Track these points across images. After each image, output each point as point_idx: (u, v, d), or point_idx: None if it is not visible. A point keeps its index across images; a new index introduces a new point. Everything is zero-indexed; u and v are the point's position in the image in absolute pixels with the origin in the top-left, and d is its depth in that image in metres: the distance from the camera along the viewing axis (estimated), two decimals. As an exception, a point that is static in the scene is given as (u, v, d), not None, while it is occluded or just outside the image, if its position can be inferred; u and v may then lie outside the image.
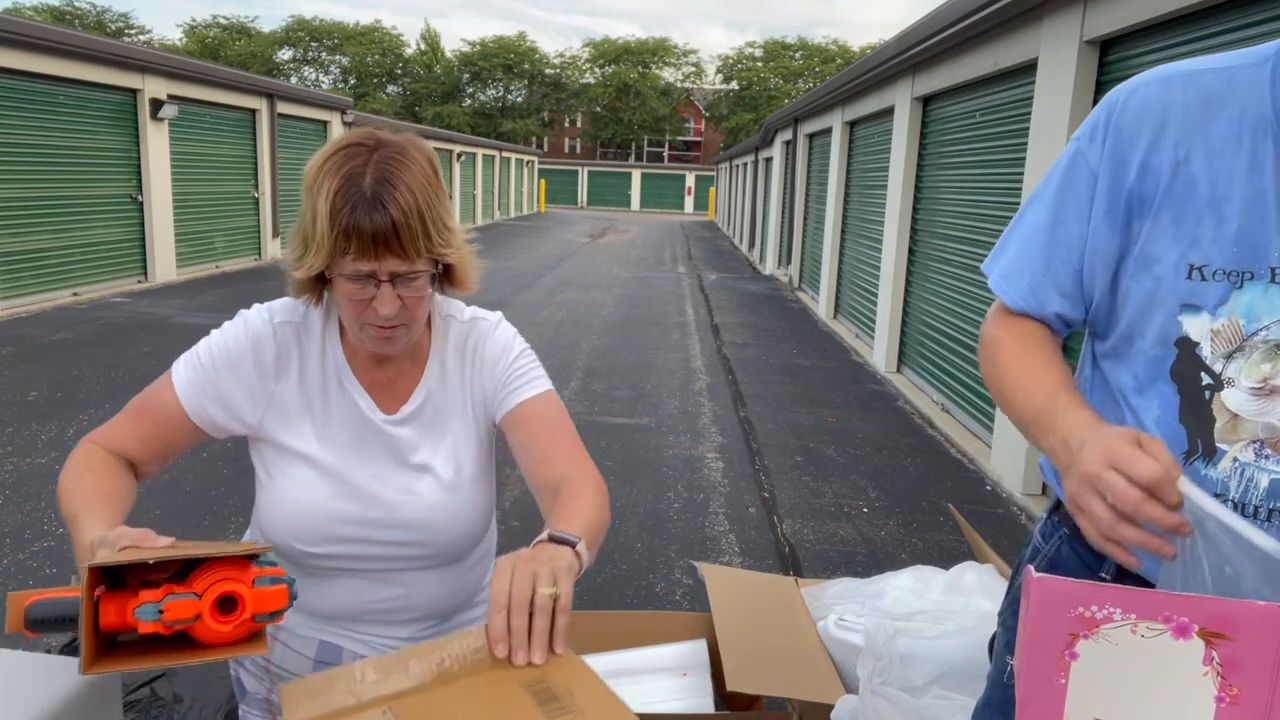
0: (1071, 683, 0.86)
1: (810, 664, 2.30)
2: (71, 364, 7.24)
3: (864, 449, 5.89)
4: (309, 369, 1.38)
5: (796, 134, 15.23)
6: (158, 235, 12.11)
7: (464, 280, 1.37)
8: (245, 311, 1.40)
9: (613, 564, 3.99)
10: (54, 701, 1.23)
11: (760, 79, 57.89)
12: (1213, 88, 0.99)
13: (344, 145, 1.25)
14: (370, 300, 1.25)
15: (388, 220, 1.20)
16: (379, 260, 1.21)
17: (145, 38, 52.21)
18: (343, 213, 1.19)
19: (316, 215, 1.22)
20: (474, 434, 1.43)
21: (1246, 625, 0.83)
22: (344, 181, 1.20)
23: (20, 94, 9.78)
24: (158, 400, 1.41)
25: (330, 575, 1.38)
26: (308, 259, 1.24)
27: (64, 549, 3.85)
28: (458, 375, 1.43)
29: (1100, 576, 1.16)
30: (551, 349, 8.84)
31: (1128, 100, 1.03)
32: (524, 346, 1.49)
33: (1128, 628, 0.84)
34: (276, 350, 1.36)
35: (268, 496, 1.37)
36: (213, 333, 1.40)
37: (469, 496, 1.41)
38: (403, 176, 1.22)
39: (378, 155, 1.23)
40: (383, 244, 1.20)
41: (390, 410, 1.39)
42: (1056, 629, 0.85)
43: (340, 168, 1.21)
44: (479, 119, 58.50)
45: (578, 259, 19.09)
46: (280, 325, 1.37)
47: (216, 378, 1.36)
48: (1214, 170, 0.97)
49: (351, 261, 1.22)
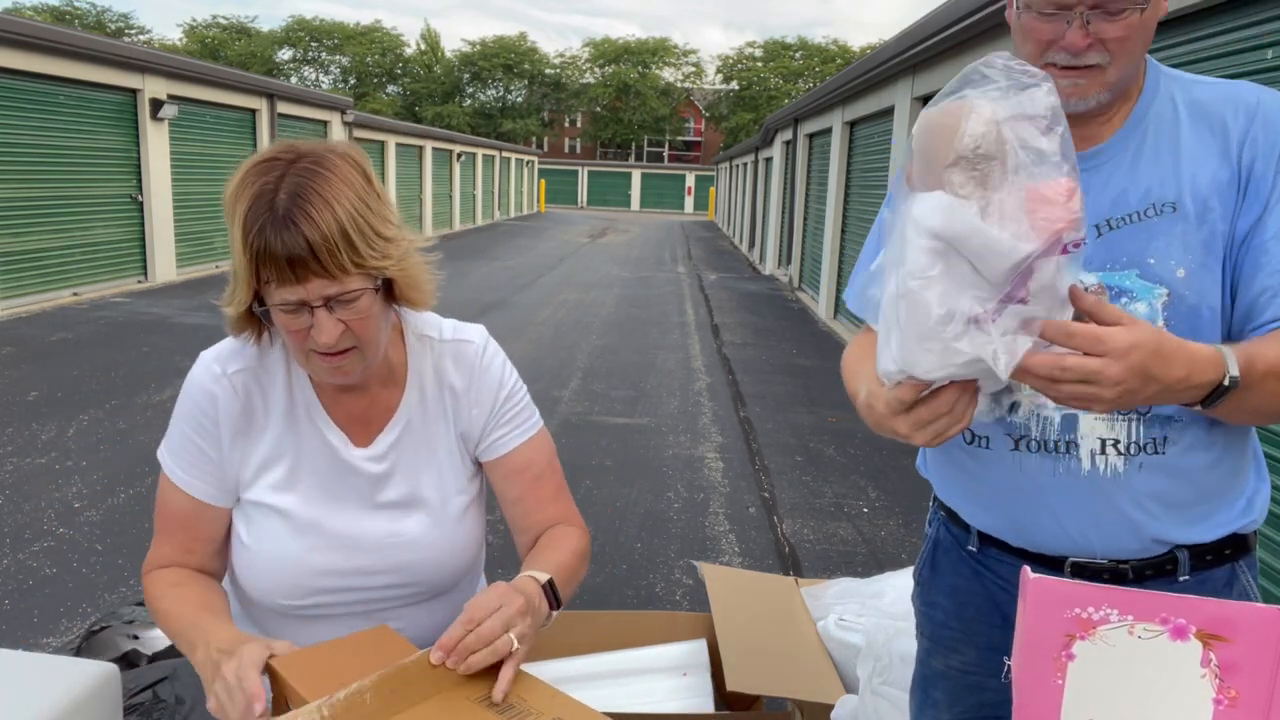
0: (1068, 684, 0.86)
1: (810, 664, 2.30)
2: (71, 364, 7.24)
3: (864, 449, 5.89)
4: (274, 414, 1.27)
5: (796, 134, 15.23)
6: (158, 235, 12.11)
7: (414, 294, 1.23)
8: (196, 371, 1.28)
9: (613, 564, 3.99)
10: (54, 702, 1.23)
11: (760, 79, 57.87)
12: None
13: (258, 161, 1.14)
14: (309, 329, 1.14)
15: (300, 240, 1.08)
16: (303, 284, 1.10)
17: (145, 38, 52.20)
18: (254, 237, 1.09)
19: (235, 244, 1.12)
20: (460, 463, 1.34)
21: (1245, 627, 0.83)
22: (254, 201, 1.10)
23: (20, 94, 9.78)
24: (171, 506, 1.30)
25: (318, 620, 1.31)
26: (235, 293, 1.15)
27: (64, 549, 3.86)
28: (440, 403, 1.32)
29: (967, 550, 1.36)
30: (551, 349, 8.84)
31: None
32: (514, 379, 1.37)
33: (1125, 629, 0.84)
34: (240, 405, 1.25)
35: (243, 555, 1.29)
36: (177, 406, 1.29)
37: (458, 530, 1.33)
38: (318, 188, 1.10)
39: (293, 168, 1.12)
40: (301, 266, 1.09)
41: (364, 443, 1.29)
42: (1053, 630, 0.85)
43: (252, 186, 1.11)
44: (479, 119, 58.48)
45: (578, 259, 19.09)
46: (235, 375, 1.26)
47: (201, 453, 1.27)
48: None
49: (276, 290, 1.11)
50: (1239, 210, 1.12)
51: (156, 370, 7.15)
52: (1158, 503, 1.18)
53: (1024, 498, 1.24)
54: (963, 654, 1.41)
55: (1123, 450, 1.17)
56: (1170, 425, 1.16)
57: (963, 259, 0.84)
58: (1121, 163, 1.18)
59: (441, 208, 25.85)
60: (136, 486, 4.63)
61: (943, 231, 0.84)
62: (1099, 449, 1.18)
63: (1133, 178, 1.16)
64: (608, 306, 12.03)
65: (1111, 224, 1.16)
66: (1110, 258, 1.15)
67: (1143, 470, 1.17)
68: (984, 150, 0.85)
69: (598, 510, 4.58)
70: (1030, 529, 1.26)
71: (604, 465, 5.30)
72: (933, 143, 0.88)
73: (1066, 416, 1.18)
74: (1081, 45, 1.10)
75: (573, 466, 5.25)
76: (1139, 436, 1.16)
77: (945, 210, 0.84)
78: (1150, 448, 1.16)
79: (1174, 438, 1.16)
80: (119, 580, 3.61)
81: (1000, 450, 1.24)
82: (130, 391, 6.47)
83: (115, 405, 6.08)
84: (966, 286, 0.84)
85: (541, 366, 7.98)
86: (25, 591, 3.49)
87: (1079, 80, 1.13)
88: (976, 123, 0.85)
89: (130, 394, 6.40)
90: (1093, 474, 1.18)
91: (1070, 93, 1.13)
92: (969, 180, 0.85)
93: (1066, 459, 1.19)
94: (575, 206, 50.65)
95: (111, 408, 6.01)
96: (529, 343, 9.07)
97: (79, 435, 5.40)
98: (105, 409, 5.97)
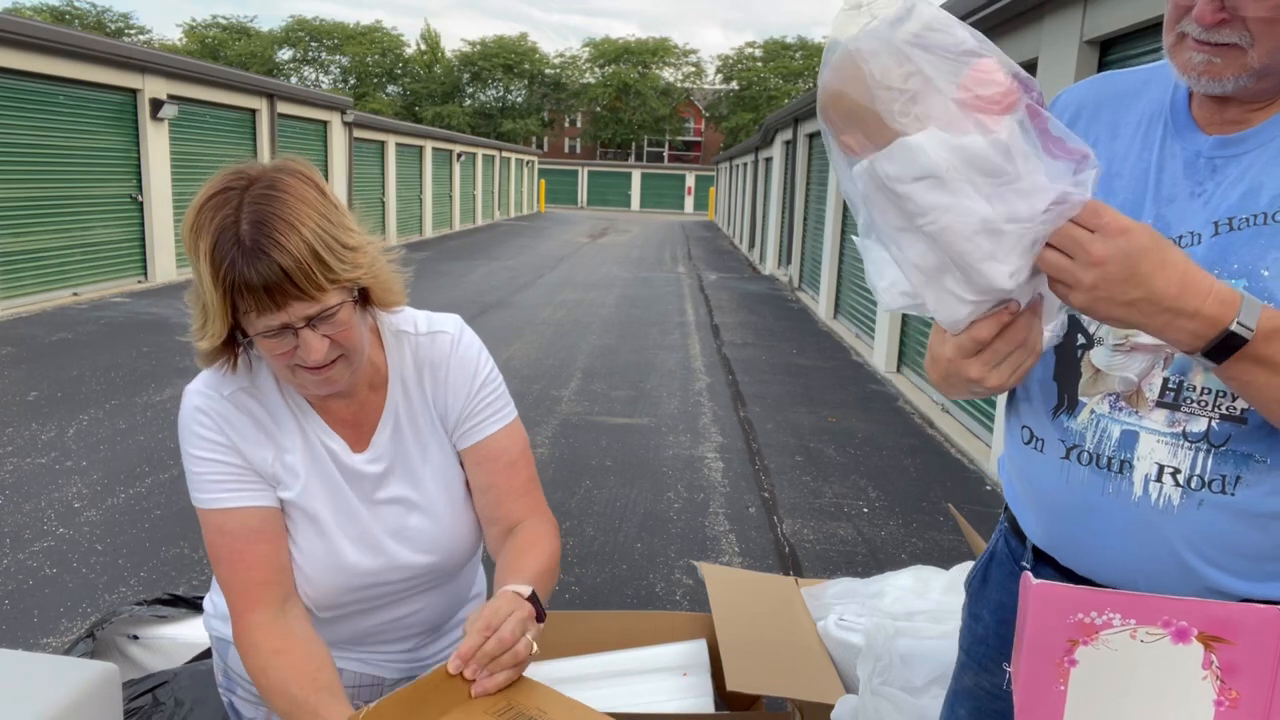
0: (1071, 689, 0.86)
1: (810, 664, 2.30)
2: (71, 364, 7.24)
3: (864, 449, 5.89)
4: (279, 426, 1.27)
5: (796, 134, 15.23)
6: (158, 235, 12.11)
7: (388, 297, 1.25)
8: (192, 402, 1.25)
9: (613, 564, 3.98)
10: (54, 702, 1.23)
11: (760, 79, 57.87)
12: (1129, 85, 1.15)
13: (212, 194, 1.14)
14: (294, 350, 1.15)
15: (275, 267, 1.08)
16: (283, 309, 1.11)
17: (145, 38, 52.19)
18: (225, 271, 1.09)
19: (202, 280, 1.12)
20: (452, 453, 1.36)
21: (1246, 629, 0.83)
22: (217, 236, 1.10)
23: (20, 94, 9.77)
24: (238, 537, 1.24)
25: (340, 620, 1.34)
26: (209, 327, 1.14)
27: (64, 549, 3.86)
28: (421, 394, 1.34)
29: (1020, 565, 1.23)
30: (551, 348, 8.84)
31: (1058, 98, 1.20)
32: (490, 368, 1.38)
33: (1127, 633, 0.84)
34: (247, 419, 1.25)
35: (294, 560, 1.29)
36: (182, 446, 1.27)
37: (463, 513, 1.36)
38: (279, 212, 1.10)
39: (248, 196, 1.12)
40: (279, 292, 1.09)
41: (361, 447, 1.30)
42: (1055, 635, 0.85)
43: (212, 222, 1.11)
44: (479, 119, 58.48)
45: (578, 259, 19.08)
46: (232, 397, 1.25)
47: (233, 467, 1.24)
48: (1114, 151, 1.11)
49: (257, 319, 1.11)
50: None
51: (156, 370, 7.14)
52: (1215, 548, 1.01)
53: (1071, 514, 1.11)
54: (994, 675, 1.31)
55: (1182, 482, 1.02)
56: (1248, 465, 0.99)
57: (956, 179, 0.84)
58: (1265, 154, 1.01)
59: (441, 208, 25.84)
60: (136, 486, 4.63)
61: (934, 164, 0.83)
62: (1155, 474, 1.03)
63: (1272, 172, 1.00)
64: (608, 306, 12.03)
65: (1233, 223, 1.00)
66: (1220, 262, 0.99)
67: (1202, 508, 1.01)
68: (900, 75, 0.83)
69: (598, 510, 4.57)
70: (1075, 549, 1.14)
71: (604, 465, 5.30)
72: (851, 103, 0.85)
73: (1126, 432, 1.05)
74: (1211, 20, 0.96)
75: (573, 466, 5.25)
76: (1204, 470, 1.01)
77: (924, 146, 0.83)
78: (1217, 485, 1.00)
79: (1249, 479, 0.99)
80: (119, 580, 3.61)
81: (1052, 456, 1.12)
82: (130, 391, 6.47)
83: (115, 405, 6.08)
84: (977, 197, 0.84)
85: (541, 366, 7.97)
86: (25, 591, 3.49)
87: (1213, 59, 0.98)
88: (876, 59, 0.83)
89: (130, 394, 6.39)
90: (1144, 501, 1.04)
91: (1203, 70, 0.99)
92: (909, 110, 0.83)
93: (1118, 479, 1.05)
94: (575, 206, 50.64)
95: (111, 408, 6.01)
96: (529, 343, 9.07)
97: (79, 435, 5.40)
98: (105, 409, 5.97)
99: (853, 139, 0.86)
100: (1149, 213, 1.06)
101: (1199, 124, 1.06)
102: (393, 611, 1.36)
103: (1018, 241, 0.84)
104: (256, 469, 1.25)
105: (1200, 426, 1.01)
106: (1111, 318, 0.90)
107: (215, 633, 1.44)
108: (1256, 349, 0.88)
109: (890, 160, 0.83)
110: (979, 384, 0.95)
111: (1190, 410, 1.01)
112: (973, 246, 0.84)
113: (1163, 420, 1.03)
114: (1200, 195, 1.03)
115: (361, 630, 1.36)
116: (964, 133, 0.82)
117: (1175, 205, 1.05)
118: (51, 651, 3.01)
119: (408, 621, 1.39)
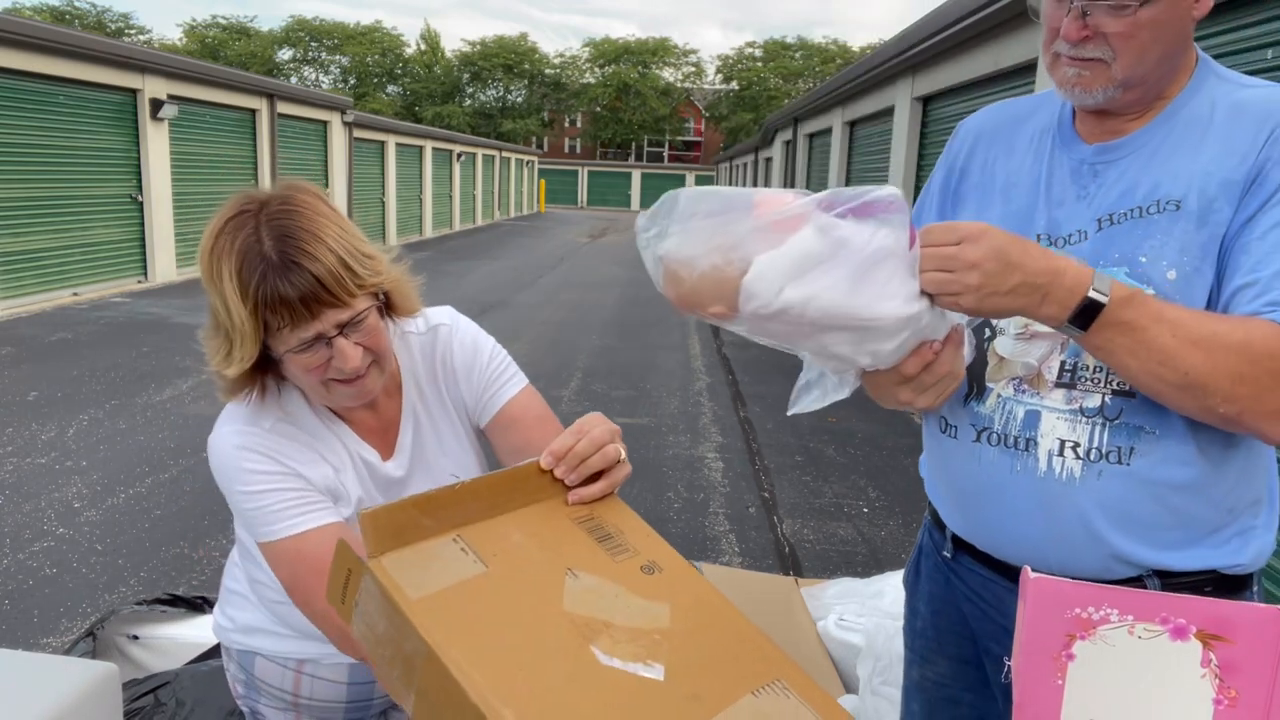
0: (1069, 685, 0.86)
1: (810, 664, 2.30)
2: (71, 364, 7.24)
3: (864, 449, 5.89)
4: (320, 447, 1.27)
5: (796, 134, 15.23)
6: (158, 235, 12.11)
7: (406, 303, 1.28)
8: (228, 446, 1.21)
9: (613, 564, 3.98)
10: (54, 702, 1.23)
11: (760, 79, 57.87)
12: (1021, 110, 1.29)
13: (227, 219, 1.14)
14: (329, 361, 1.15)
15: (308, 277, 1.10)
16: (317, 319, 1.12)
17: (145, 38, 52.20)
18: (256, 288, 1.09)
19: (228, 303, 1.12)
20: (469, 444, 1.39)
21: (1245, 627, 0.83)
22: (243, 257, 1.11)
23: (20, 94, 9.78)
24: (312, 556, 1.17)
25: None
26: (236, 352, 1.14)
27: (63, 549, 3.86)
28: (435, 391, 1.36)
29: (942, 555, 1.35)
30: (552, 349, 8.84)
31: (959, 128, 1.36)
32: (491, 343, 1.40)
33: (1125, 629, 0.84)
34: (293, 445, 1.24)
35: None
36: (229, 494, 1.22)
37: None
38: (301, 225, 1.13)
39: (264, 216, 1.13)
40: (314, 301, 1.11)
41: (389, 454, 1.32)
42: (1053, 631, 0.85)
43: (233, 245, 1.12)
44: (479, 119, 58.48)
45: (578, 259, 19.09)
46: (273, 429, 1.23)
47: (295, 491, 1.20)
48: (1010, 166, 1.25)
49: (290, 333, 1.12)
50: (1239, 210, 1.05)
51: (156, 370, 7.14)
52: (1115, 516, 1.11)
53: (984, 495, 1.20)
54: (936, 665, 1.38)
55: (1082, 454, 1.11)
56: (1140, 436, 1.10)
57: (806, 270, 0.93)
58: (1139, 158, 1.13)
59: (441, 208, 25.85)
60: (136, 486, 4.63)
61: (781, 275, 0.93)
62: (1057, 450, 1.12)
63: (1145, 173, 1.11)
64: (608, 307, 12.03)
65: (1113, 218, 1.12)
66: (1103, 253, 1.11)
67: (1101, 479, 1.10)
68: (704, 246, 0.93)
69: (598, 510, 4.56)
70: (989, 529, 1.22)
71: (604, 465, 5.30)
72: (693, 291, 0.96)
73: (1030, 412, 1.14)
74: (1076, 36, 1.08)
75: (573, 466, 5.24)
76: (1101, 443, 1.10)
77: (764, 271, 0.93)
78: (1114, 456, 1.10)
79: (1142, 449, 1.09)
80: (119, 580, 3.61)
81: (964, 440, 1.21)
82: (130, 391, 6.47)
83: (115, 405, 6.08)
84: (831, 270, 0.94)
85: (542, 366, 7.98)
86: (25, 591, 3.49)
87: (1083, 72, 1.10)
88: (678, 251, 0.95)
89: (130, 394, 6.40)
90: (1048, 475, 1.13)
91: (1074, 83, 1.11)
92: (731, 260, 0.93)
93: (1025, 457, 1.15)
94: (575, 206, 50.65)
95: (111, 408, 6.01)
96: (529, 343, 9.08)
97: (79, 435, 5.40)
98: (105, 409, 5.97)
99: (717, 309, 0.95)
100: (1042, 215, 1.18)
101: (1082, 136, 1.19)
102: None
103: (891, 276, 0.94)
104: (320, 487, 1.24)
105: (1095, 402, 1.11)
106: (999, 309, 0.99)
107: (238, 645, 1.42)
108: (1115, 313, 0.98)
109: (749, 299, 0.93)
110: (909, 406, 1.07)
111: (1085, 388, 1.11)
112: (860, 302, 0.93)
113: (1061, 399, 1.13)
114: (1085, 197, 1.16)
115: None
116: (781, 243, 0.91)
117: (1065, 207, 1.17)
118: (51, 651, 3.01)
119: None
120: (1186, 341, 0.98)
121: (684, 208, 0.94)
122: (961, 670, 1.35)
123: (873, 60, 9.10)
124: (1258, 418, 1.00)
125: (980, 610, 1.29)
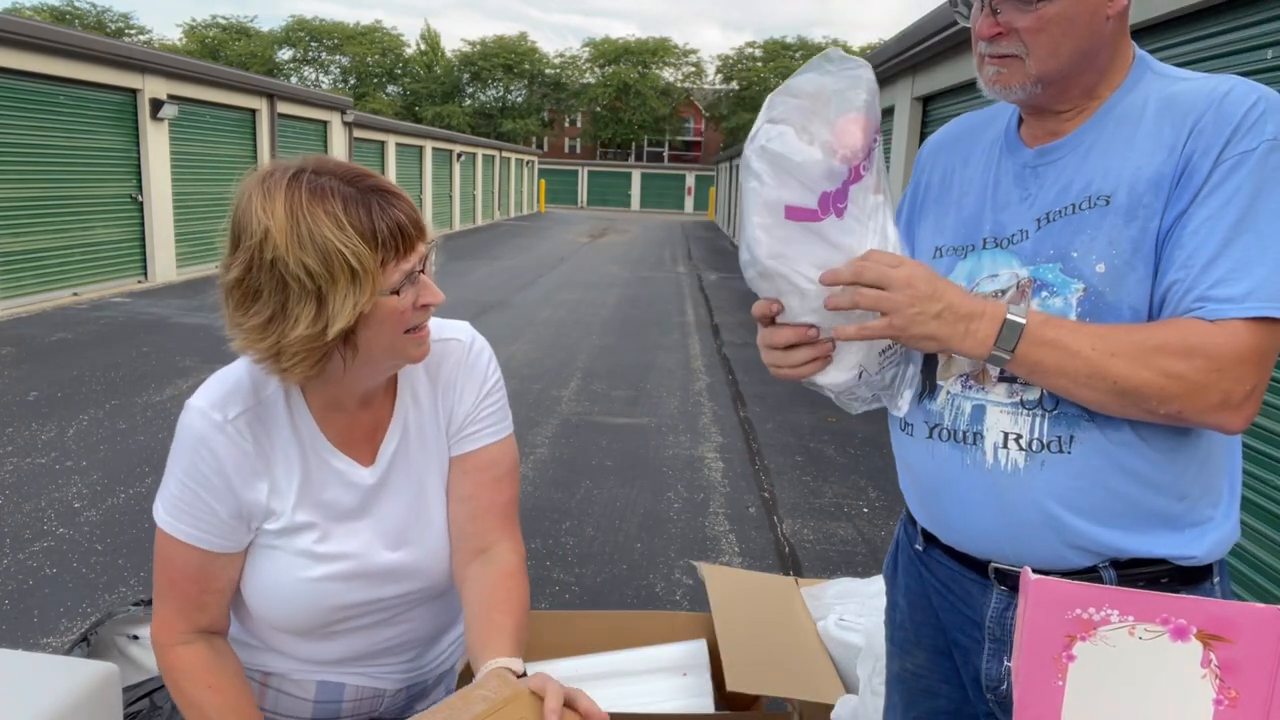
0: (1069, 685, 0.86)
1: (810, 664, 2.30)
2: (71, 364, 7.24)
3: (864, 449, 5.89)
4: (283, 451, 1.24)
5: (796, 134, 15.21)
6: (158, 235, 12.11)
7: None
8: (192, 420, 1.20)
9: (613, 564, 3.99)
10: (54, 702, 1.23)
11: (760, 79, 57.86)
12: (978, 122, 1.34)
13: (283, 184, 1.10)
14: (413, 302, 1.15)
15: (405, 203, 1.13)
16: (415, 250, 1.14)
17: (145, 38, 52.19)
18: (375, 221, 1.09)
19: (340, 248, 1.07)
20: (446, 465, 1.34)
21: (1245, 628, 0.83)
22: (343, 199, 1.08)
23: (20, 94, 9.77)
24: (176, 562, 1.23)
25: (333, 635, 1.30)
26: (350, 300, 1.08)
27: (63, 549, 3.86)
28: (431, 401, 1.32)
29: (915, 548, 1.36)
30: (552, 349, 8.84)
31: (924, 144, 1.42)
32: (497, 378, 1.37)
33: (1125, 630, 0.84)
34: (249, 449, 1.21)
35: (264, 590, 1.25)
36: (172, 458, 1.24)
37: None
38: (356, 168, 1.14)
39: (315, 169, 1.11)
40: (415, 226, 1.13)
41: (369, 461, 1.28)
42: (1054, 631, 0.85)
43: (316, 195, 1.08)
44: (479, 119, 58.47)
45: (578, 259, 19.09)
46: (236, 420, 1.20)
47: (207, 507, 1.21)
48: (965, 176, 1.30)
49: (397, 265, 1.11)
50: (1170, 204, 1.07)
51: (156, 370, 7.14)
52: (1061, 505, 1.12)
53: (941, 491, 1.23)
54: (914, 656, 1.40)
55: (1024, 446, 1.13)
56: (1078, 425, 1.11)
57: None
58: (1074, 157, 1.16)
59: (441, 208, 25.85)
60: (136, 486, 4.63)
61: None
62: (1002, 442, 1.15)
63: (1079, 171, 1.14)
64: (608, 307, 12.03)
65: (1050, 216, 1.15)
66: (1040, 250, 1.14)
67: (1045, 468, 1.12)
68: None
69: (598, 510, 4.58)
70: (948, 523, 1.24)
71: (604, 465, 5.30)
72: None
73: (976, 406, 1.17)
74: (987, 33, 1.12)
75: (573, 466, 5.25)
76: (1042, 433, 1.13)
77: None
78: (1055, 445, 1.12)
79: (1082, 437, 1.11)
80: (119, 580, 3.61)
81: (919, 438, 1.25)
82: (130, 391, 6.47)
83: (115, 405, 6.08)
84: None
85: (541, 366, 7.97)
86: (25, 591, 3.49)
87: (1000, 69, 1.14)
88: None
89: (130, 394, 6.40)
90: (995, 468, 1.15)
91: (994, 80, 1.16)
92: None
93: (973, 450, 1.17)
94: (575, 206, 50.64)
95: (111, 408, 6.01)
96: (529, 343, 9.07)
97: (79, 435, 5.40)
98: (105, 409, 5.97)
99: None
100: (989, 219, 1.23)
101: (1024, 140, 1.23)
102: (390, 629, 1.33)
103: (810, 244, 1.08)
104: (234, 513, 1.22)
105: (1034, 395, 1.14)
106: (925, 334, 1.05)
107: None
108: (1036, 331, 1.04)
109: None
110: (770, 366, 1.16)
111: (1025, 381, 1.14)
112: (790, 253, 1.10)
113: (1004, 392, 1.16)
114: (1027, 199, 1.20)
115: (360, 648, 1.33)
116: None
117: (1009, 210, 1.21)
118: (51, 651, 3.01)
119: (408, 638, 1.36)
120: (1106, 353, 1.03)
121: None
122: (937, 662, 1.36)
123: (872, 60, 9.09)
124: (1202, 413, 1.03)
125: (949, 603, 1.31)
